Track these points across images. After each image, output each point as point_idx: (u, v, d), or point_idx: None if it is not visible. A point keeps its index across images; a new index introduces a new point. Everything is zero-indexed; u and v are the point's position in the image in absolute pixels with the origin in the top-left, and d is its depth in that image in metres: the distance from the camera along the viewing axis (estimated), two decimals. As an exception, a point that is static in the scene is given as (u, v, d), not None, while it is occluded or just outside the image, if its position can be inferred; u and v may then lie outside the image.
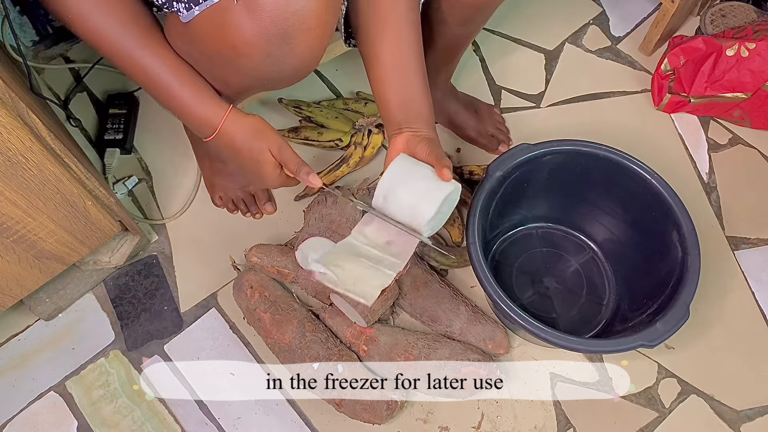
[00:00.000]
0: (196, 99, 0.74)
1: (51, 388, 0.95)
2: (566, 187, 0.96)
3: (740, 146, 1.15)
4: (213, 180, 1.06)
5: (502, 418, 0.92)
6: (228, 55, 0.70)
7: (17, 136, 0.69)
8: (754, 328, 0.98)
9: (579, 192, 0.97)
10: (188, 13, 0.68)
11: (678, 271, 0.83)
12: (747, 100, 1.09)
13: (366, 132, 1.09)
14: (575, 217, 1.01)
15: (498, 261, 1.02)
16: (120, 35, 0.70)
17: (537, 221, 1.03)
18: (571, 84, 1.21)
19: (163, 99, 0.75)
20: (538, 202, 1.00)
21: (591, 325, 0.96)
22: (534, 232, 1.03)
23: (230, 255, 1.03)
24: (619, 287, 0.98)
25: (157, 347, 0.98)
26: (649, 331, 0.78)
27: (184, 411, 0.93)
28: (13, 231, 0.78)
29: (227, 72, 0.73)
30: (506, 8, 1.28)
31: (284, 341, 0.91)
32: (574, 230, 1.03)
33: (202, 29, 0.69)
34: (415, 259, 0.98)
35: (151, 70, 0.72)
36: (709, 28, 1.20)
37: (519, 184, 0.92)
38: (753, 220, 1.07)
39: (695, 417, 0.92)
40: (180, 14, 0.68)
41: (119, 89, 1.18)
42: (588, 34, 1.28)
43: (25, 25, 1.18)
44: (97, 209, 0.86)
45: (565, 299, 0.99)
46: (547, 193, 0.98)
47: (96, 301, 1.01)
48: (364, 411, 0.88)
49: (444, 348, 0.90)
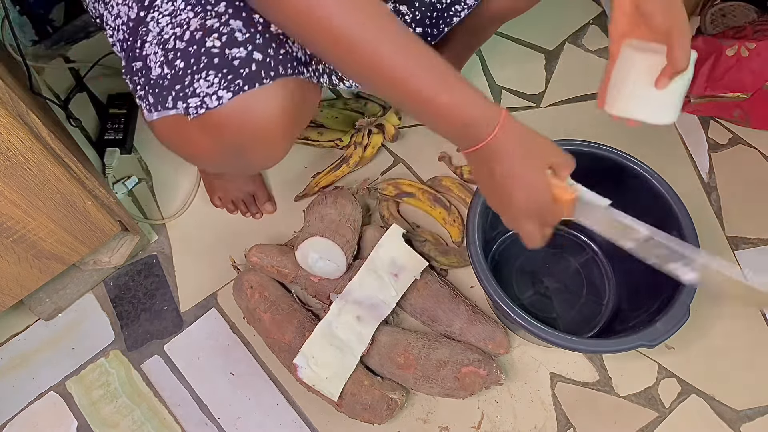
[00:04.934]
0: (465, 96, 0.59)
1: (51, 388, 0.95)
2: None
3: (740, 146, 1.15)
4: (212, 180, 1.06)
5: (502, 418, 0.92)
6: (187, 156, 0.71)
7: (17, 136, 0.69)
8: (754, 328, 0.98)
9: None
10: (148, 114, 0.67)
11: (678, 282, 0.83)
12: (747, 100, 1.09)
13: (366, 132, 1.09)
14: None
15: (498, 261, 1.01)
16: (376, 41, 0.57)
17: None
18: (571, 84, 1.21)
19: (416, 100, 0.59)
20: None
21: (591, 325, 0.96)
22: None
23: (230, 255, 1.03)
24: (619, 287, 0.98)
25: (157, 347, 0.98)
26: (649, 330, 0.78)
27: (184, 411, 0.93)
28: (13, 231, 0.78)
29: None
30: (506, 8, 1.29)
31: (284, 341, 0.91)
32: (574, 230, 1.03)
33: (162, 131, 0.69)
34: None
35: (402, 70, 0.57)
36: (709, 28, 1.20)
37: None
38: (753, 220, 1.07)
39: (695, 417, 0.92)
40: (142, 110, 0.68)
41: (119, 89, 1.18)
42: (588, 34, 1.28)
43: (25, 25, 1.18)
44: (97, 209, 0.86)
45: (565, 299, 0.99)
46: None
47: (96, 301, 1.01)
48: (364, 411, 0.88)
49: (444, 348, 0.90)
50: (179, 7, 0.65)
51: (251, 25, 0.63)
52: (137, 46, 0.67)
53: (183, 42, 0.63)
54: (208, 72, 0.62)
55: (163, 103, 0.65)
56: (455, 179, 1.09)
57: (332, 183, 1.09)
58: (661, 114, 0.69)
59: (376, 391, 0.88)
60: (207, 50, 0.61)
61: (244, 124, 0.64)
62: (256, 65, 0.62)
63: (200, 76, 0.62)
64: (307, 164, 1.12)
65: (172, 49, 0.63)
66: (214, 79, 0.62)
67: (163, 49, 0.64)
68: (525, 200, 0.63)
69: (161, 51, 0.64)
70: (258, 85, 0.62)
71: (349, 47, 0.56)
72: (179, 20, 0.64)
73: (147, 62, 0.66)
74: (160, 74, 0.64)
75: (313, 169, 1.11)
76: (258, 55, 0.62)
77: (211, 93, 0.62)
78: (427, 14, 0.83)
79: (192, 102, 0.63)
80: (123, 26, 0.69)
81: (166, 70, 0.63)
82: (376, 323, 0.91)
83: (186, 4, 0.64)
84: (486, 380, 0.88)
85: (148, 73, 0.66)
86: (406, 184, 1.06)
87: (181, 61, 0.62)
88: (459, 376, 0.88)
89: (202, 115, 0.63)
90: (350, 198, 1.00)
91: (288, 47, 0.66)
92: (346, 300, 0.92)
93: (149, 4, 0.67)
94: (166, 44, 0.64)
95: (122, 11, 0.69)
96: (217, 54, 0.61)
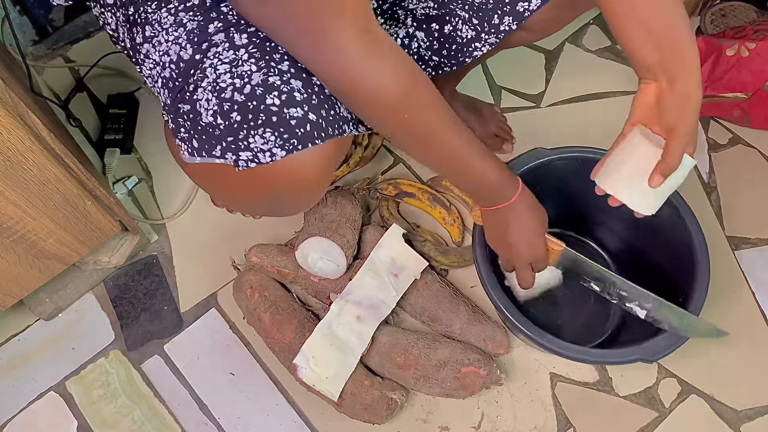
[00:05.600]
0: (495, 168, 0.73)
1: (51, 388, 0.95)
2: (579, 194, 0.94)
3: (740, 146, 1.15)
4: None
5: (502, 418, 0.92)
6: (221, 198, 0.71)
7: (17, 136, 0.69)
8: (754, 328, 0.98)
9: (592, 199, 0.95)
10: (189, 157, 0.67)
11: (686, 287, 0.83)
12: (747, 100, 1.09)
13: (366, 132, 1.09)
14: (587, 224, 1.00)
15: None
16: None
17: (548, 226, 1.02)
18: (571, 84, 1.21)
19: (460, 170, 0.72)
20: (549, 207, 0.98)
21: (597, 333, 0.96)
22: None
23: (230, 255, 1.03)
24: None
25: (157, 347, 0.98)
26: (649, 345, 0.78)
27: (184, 411, 0.93)
28: (13, 231, 0.78)
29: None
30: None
31: (284, 341, 0.91)
32: (585, 237, 1.02)
33: (198, 173, 0.70)
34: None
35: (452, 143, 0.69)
36: (709, 28, 1.20)
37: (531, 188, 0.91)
38: (753, 220, 1.07)
39: (695, 417, 0.92)
40: (181, 150, 0.68)
41: (119, 89, 1.18)
42: (588, 34, 1.28)
43: (25, 25, 1.18)
44: (97, 209, 0.86)
45: (572, 307, 0.98)
46: (560, 199, 0.96)
47: (96, 301, 1.01)
48: (364, 411, 0.88)
49: (444, 348, 0.90)
50: (242, 57, 0.64)
51: (310, 86, 0.64)
52: (188, 89, 0.66)
53: (242, 95, 0.62)
54: (266, 129, 0.62)
55: (209, 150, 0.65)
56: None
57: (332, 183, 1.09)
58: (643, 206, 0.73)
59: (376, 391, 0.88)
60: (267, 107, 0.61)
61: (289, 179, 0.65)
62: (311, 126, 0.63)
63: (257, 132, 0.62)
64: (307, 164, 1.12)
65: (229, 100, 0.62)
66: (270, 136, 0.62)
67: (218, 98, 0.63)
68: (526, 252, 0.80)
69: (216, 99, 0.63)
70: (311, 145, 0.63)
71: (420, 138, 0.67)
72: (240, 71, 0.63)
73: (197, 107, 0.64)
74: (212, 123, 0.63)
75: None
76: (313, 116, 0.63)
77: (266, 150, 0.63)
78: (445, 45, 0.84)
79: (243, 155, 0.63)
80: (172, 65, 0.68)
81: (219, 120, 0.63)
82: (376, 323, 0.91)
83: (250, 57, 0.64)
84: (486, 380, 0.88)
85: (197, 118, 0.65)
86: (406, 184, 1.06)
87: (238, 114, 0.62)
88: (459, 376, 0.88)
89: (251, 168, 0.64)
90: (350, 198, 1.00)
91: (338, 108, 0.67)
92: (346, 300, 0.92)
93: (206, 48, 0.65)
94: (222, 93, 0.62)
95: (173, 50, 0.67)
96: (275, 112, 0.61)
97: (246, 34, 0.65)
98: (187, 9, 0.68)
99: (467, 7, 0.81)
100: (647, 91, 0.67)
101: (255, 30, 0.66)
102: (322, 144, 0.65)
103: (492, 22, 0.81)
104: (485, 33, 0.82)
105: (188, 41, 0.67)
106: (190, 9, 0.68)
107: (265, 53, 0.64)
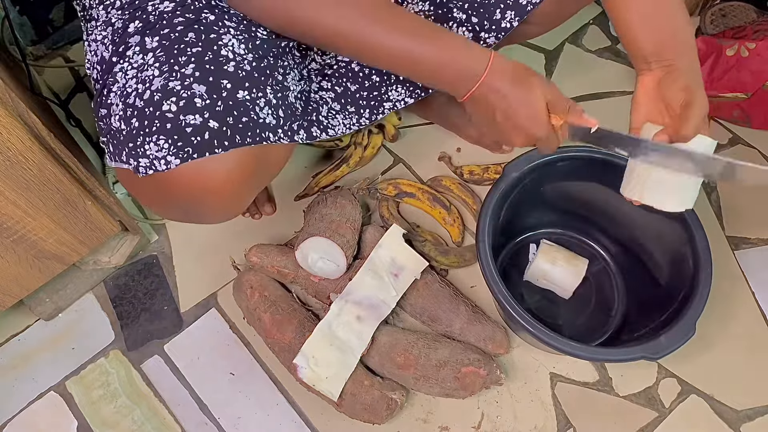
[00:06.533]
0: (452, 50, 0.65)
1: (51, 388, 0.95)
2: (582, 194, 0.95)
3: (740, 146, 1.15)
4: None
5: (502, 418, 0.92)
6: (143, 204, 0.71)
7: (17, 136, 0.69)
8: (754, 328, 0.98)
9: (595, 199, 0.95)
10: (108, 161, 0.67)
11: (688, 286, 0.83)
12: (747, 100, 1.09)
13: (366, 132, 1.09)
14: (588, 224, 1.00)
15: (508, 263, 1.01)
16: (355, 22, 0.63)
17: (550, 226, 1.02)
18: (571, 84, 1.21)
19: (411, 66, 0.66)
20: (552, 206, 0.99)
21: (598, 333, 0.95)
22: (547, 237, 1.01)
23: (230, 255, 1.03)
24: (628, 298, 0.97)
25: (157, 347, 0.98)
26: (652, 343, 0.78)
27: (184, 411, 0.93)
28: (13, 231, 0.78)
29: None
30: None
31: (284, 341, 0.91)
32: (587, 238, 1.02)
33: (121, 178, 0.70)
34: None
35: (390, 42, 0.64)
36: (709, 28, 1.20)
37: (534, 187, 0.91)
38: (753, 220, 1.07)
39: (695, 417, 0.92)
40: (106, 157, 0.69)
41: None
42: (588, 34, 1.28)
43: (25, 25, 1.18)
44: (97, 209, 0.86)
45: (574, 307, 0.98)
46: (563, 199, 0.97)
47: (96, 301, 1.01)
48: (364, 411, 0.88)
49: (444, 348, 0.90)
50: (148, 61, 0.63)
51: (216, 91, 0.61)
52: (104, 93, 0.66)
53: (142, 101, 0.61)
54: (159, 136, 0.61)
55: (118, 155, 0.65)
56: (455, 179, 1.09)
57: (332, 183, 1.09)
58: (676, 203, 0.70)
59: (376, 391, 0.88)
60: (162, 114, 0.60)
61: (193, 188, 0.63)
62: (210, 134, 0.61)
63: (151, 140, 0.61)
64: (307, 164, 1.12)
65: (131, 106, 0.62)
66: (164, 144, 0.61)
67: (124, 104, 0.63)
68: (526, 127, 0.68)
69: (122, 104, 0.63)
70: (208, 154, 0.61)
71: (340, 39, 0.63)
72: (144, 76, 0.62)
73: (110, 111, 0.64)
74: (118, 128, 0.63)
75: (313, 169, 1.11)
76: (214, 124, 0.61)
77: (161, 157, 0.61)
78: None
79: (142, 162, 0.62)
80: (97, 65, 0.68)
81: (122, 125, 0.63)
82: (376, 323, 0.91)
83: (155, 60, 0.63)
84: (486, 380, 0.88)
85: (109, 122, 0.65)
86: (406, 184, 1.06)
87: (136, 120, 0.61)
88: (459, 376, 0.88)
89: (152, 174, 0.62)
90: (350, 198, 1.00)
91: (254, 114, 0.64)
92: (346, 300, 0.92)
93: (123, 51, 0.65)
94: (127, 99, 0.62)
95: (99, 49, 0.67)
96: (170, 119, 0.60)
97: (158, 37, 0.64)
98: (117, 7, 0.67)
99: (466, 6, 0.80)
100: (646, 81, 0.68)
101: (167, 32, 0.64)
102: (228, 153, 0.62)
103: (493, 18, 0.80)
104: (484, 32, 0.82)
105: (111, 42, 0.66)
106: (120, 7, 0.67)
107: (171, 56, 0.62)
